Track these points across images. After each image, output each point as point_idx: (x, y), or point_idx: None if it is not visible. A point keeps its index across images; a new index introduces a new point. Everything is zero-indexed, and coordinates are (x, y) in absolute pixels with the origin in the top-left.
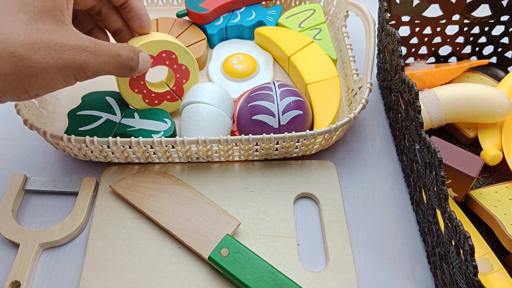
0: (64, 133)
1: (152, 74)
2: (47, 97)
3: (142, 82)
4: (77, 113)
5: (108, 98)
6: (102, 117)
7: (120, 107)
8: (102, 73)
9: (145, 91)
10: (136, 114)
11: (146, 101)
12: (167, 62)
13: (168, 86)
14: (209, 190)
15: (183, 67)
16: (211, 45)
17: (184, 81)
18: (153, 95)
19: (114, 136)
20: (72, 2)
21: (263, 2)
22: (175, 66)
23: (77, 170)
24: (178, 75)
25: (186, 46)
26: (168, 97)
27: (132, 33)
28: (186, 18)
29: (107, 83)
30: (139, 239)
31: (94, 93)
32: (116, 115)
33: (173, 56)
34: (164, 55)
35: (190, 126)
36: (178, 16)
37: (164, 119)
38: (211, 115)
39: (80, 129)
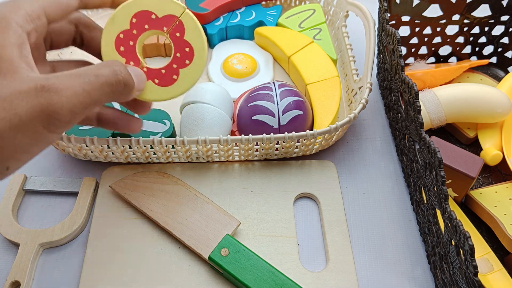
0: (64, 132)
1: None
2: None
3: (131, 43)
4: None
5: None
6: None
7: (121, 107)
8: (87, 108)
9: (132, 63)
10: (135, 115)
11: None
12: (165, 28)
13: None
14: (209, 190)
15: (187, 49)
16: (211, 45)
17: (187, 61)
18: (144, 69)
19: (114, 136)
20: (28, 47)
21: (263, 2)
22: (178, 40)
23: (77, 170)
24: (178, 55)
25: None
26: (157, 81)
27: None
28: None
29: None
30: (139, 239)
31: None
32: None
33: (178, 23)
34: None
35: (190, 126)
36: None
37: (164, 120)
38: (211, 115)
39: (80, 128)
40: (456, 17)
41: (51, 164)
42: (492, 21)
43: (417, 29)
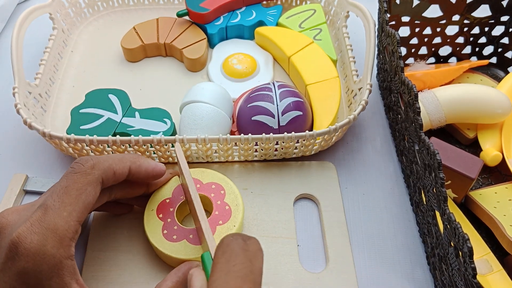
0: (66, 131)
1: None
2: (47, 96)
3: (171, 209)
4: (80, 111)
5: (111, 96)
6: (103, 116)
7: (122, 106)
8: None
9: (169, 220)
10: (137, 113)
11: (165, 232)
12: (212, 195)
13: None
14: None
15: (227, 207)
16: (211, 44)
17: (220, 222)
18: (175, 227)
19: (114, 136)
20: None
21: (264, 2)
22: (219, 202)
23: None
24: (217, 212)
25: (186, 46)
26: (191, 236)
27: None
28: (187, 17)
29: (110, 79)
30: (139, 239)
31: (98, 90)
32: (117, 113)
33: (222, 192)
34: (213, 186)
35: (189, 125)
36: (179, 15)
37: (164, 119)
38: (210, 114)
39: (81, 127)
40: (456, 17)
41: (51, 163)
42: (492, 21)
43: (417, 30)
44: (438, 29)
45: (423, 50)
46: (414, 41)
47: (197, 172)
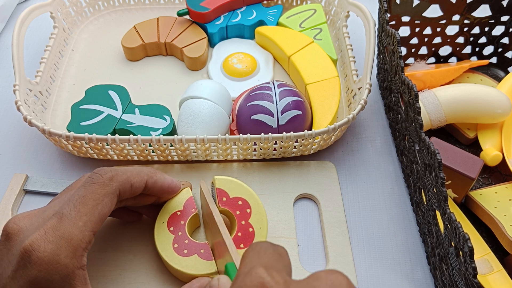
0: (67, 127)
1: None
2: (48, 93)
3: (182, 222)
4: (80, 107)
5: (111, 92)
6: (103, 112)
7: (122, 102)
8: None
9: (180, 233)
10: (136, 110)
11: (176, 245)
12: (237, 212)
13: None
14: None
15: (250, 229)
16: (211, 44)
17: (241, 245)
18: (186, 241)
19: (114, 132)
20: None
21: (264, 2)
22: (243, 222)
23: (78, 168)
24: (239, 234)
25: (187, 45)
26: (202, 251)
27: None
28: (187, 17)
29: (111, 77)
30: (140, 239)
31: (98, 86)
32: (117, 110)
33: (248, 210)
34: (240, 202)
35: (186, 120)
36: (179, 14)
37: (164, 116)
38: (207, 110)
39: (81, 123)
40: (456, 17)
41: (51, 161)
42: (492, 21)
43: (417, 30)
44: (438, 29)
45: (423, 50)
46: (414, 41)
47: (225, 182)
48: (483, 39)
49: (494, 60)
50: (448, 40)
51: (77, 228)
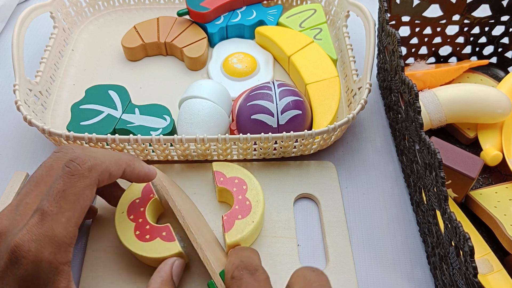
0: (67, 126)
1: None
2: (48, 93)
3: (142, 209)
4: (80, 107)
5: (111, 92)
6: (103, 112)
7: (122, 102)
8: None
9: (140, 220)
10: (136, 110)
11: (137, 232)
12: (234, 189)
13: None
14: (208, 190)
15: (247, 202)
16: (211, 44)
17: (239, 216)
18: (147, 227)
19: (114, 132)
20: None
21: (264, 2)
22: (240, 197)
23: None
24: (237, 207)
25: (187, 45)
26: (164, 233)
27: None
28: (187, 17)
29: (111, 77)
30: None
31: (98, 86)
32: (117, 110)
33: (244, 187)
34: (236, 181)
35: (186, 120)
36: (179, 14)
37: (164, 115)
38: (206, 109)
39: (81, 123)
40: (456, 17)
41: None
42: (492, 21)
43: (417, 29)
44: (438, 29)
45: (423, 50)
46: (414, 40)
47: (222, 166)
48: (483, 39)
49: (494, 60)
50: (448, 40)
51: (60, 224)
